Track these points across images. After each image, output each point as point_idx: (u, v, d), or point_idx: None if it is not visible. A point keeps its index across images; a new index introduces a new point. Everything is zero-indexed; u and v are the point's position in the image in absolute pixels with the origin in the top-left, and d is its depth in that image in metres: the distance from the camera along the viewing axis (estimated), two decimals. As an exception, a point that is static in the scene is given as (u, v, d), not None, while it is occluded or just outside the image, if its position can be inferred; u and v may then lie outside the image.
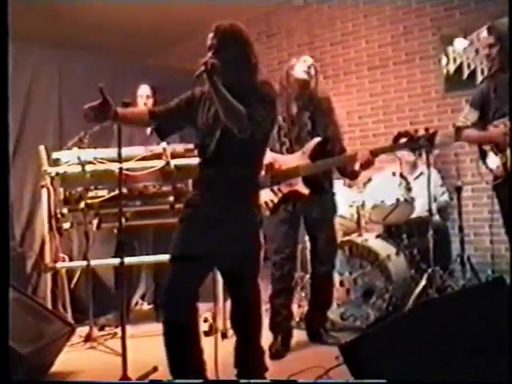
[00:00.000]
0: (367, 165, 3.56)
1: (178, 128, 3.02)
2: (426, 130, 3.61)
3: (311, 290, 4.00)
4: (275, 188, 3.72)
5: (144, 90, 4.86)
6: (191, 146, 4.06)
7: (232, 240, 2.72)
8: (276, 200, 3.72)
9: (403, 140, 3.67)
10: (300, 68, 3.72)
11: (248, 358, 2.91)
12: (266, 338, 3.69)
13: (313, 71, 3.74)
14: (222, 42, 2.70)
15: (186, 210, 2.84)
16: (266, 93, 2.76)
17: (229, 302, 2.99)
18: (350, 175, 3.86)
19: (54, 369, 3.43)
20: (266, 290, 3.98)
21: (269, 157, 3.71)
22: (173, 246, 2.79)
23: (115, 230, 4.40)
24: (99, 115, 2.69)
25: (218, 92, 2.53)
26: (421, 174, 4.99)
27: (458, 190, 4.66)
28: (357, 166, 3.60)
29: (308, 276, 4.22)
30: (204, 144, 2.80)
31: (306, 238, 4.07)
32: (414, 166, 5.05)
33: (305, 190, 3.67)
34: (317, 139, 3.69)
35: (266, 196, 3.71)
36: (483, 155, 3.82)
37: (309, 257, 4.08)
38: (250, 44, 2.82)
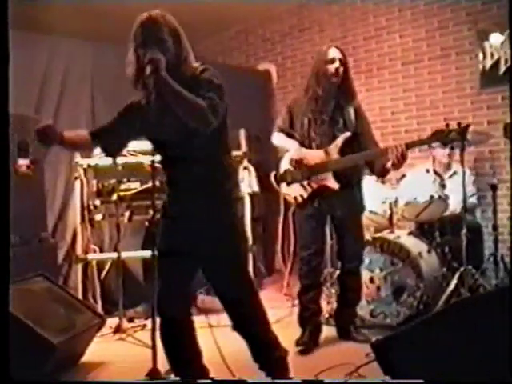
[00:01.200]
0: (401, 160, 3.44)
1: (126, 141, 2.81)
2: (459, 124, 3.53)
3: (340, 286, 3.98)
4: (305, 183, 3.70)
5: None
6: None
7: (207, 237, 2.64)
8: (306, 195, 3.70)
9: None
10: (329, 70, 3.66)
11: (262, 354, 2.87)
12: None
13: (341, 70, 3.67)
14: (157, 35, 2.52)
15: (163, 208, 2.78)
16: (213, 79, 2.54)
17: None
18: (379, 172, 3.79)
19: (83, 359, 3.46)
20: (295, 286, 3.98)
21: (299, 152, 3.69)
22: (157, 244, 2.71)
23: (146, 223, 4.44)
24: (45, 139, 2.53)
25: (172, 89, 2.37)
26: (454, 173, 4.91)
27: (493, 187, 4.57)
28: (389, 164, 3.54)
29: (338, 272, 4.18)
30: (162, 145, 2.70)
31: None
32: (447, 166, 4.98)
33: (335, 185, 3.64)
34: (346, 134, 3.65)
35: (296, 191, 3.70)
36: None
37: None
38: (180, 30, 2.63)
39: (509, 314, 2.28)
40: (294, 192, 3.71)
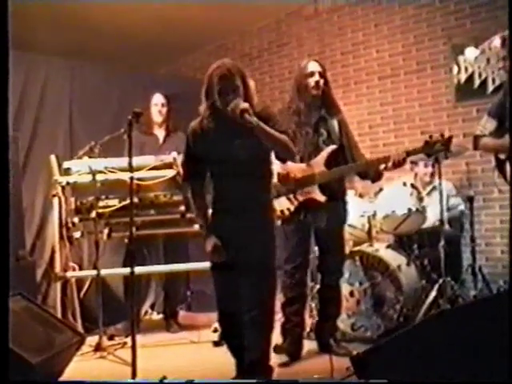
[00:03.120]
0: (400, 165, 3.55)
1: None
2: (442, 135, 3.59)
3: (320, 299, 3.99)
4: (291, 196, 3.71)
5: (158, 99, 4.86)
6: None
7: (256, 244, 2.94)
8: (292, 208, 3.71)
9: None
10: (309, 83, 3.70)
11: (257, 357, 2.97)
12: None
13: (322, 83, 3.72)
14: (234, 83, 2.87)
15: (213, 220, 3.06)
16: (276, 115, 3.06)
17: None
18: (374, 178, 3.82)
19: (63, 378, 3.42)
20: (277, 300, 3.97)
21: (284, 165, 3.70)
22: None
23: (126, 240, 4.42)
24: None
25: (264, 130, 2.82)
26: (433, 188, 4.96)
27: (470, 199, 4.63)
28: (382, 167, 3.60)
29: (318, 286, 4.20)
30: (220, 158, 2.95)
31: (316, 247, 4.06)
32: (429, 183, 5.03)
33: (321, 198, 3.66)
34: (332, 147, 3.69)
35: (282, 204, 3.70)
36: (500, 164, 3.78)
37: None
38: (246, 74, 2.99)
39: (490, 323, 2.30)
40: (280, 206, 3.70)
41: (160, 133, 4.88)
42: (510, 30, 3.67)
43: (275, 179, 3.71)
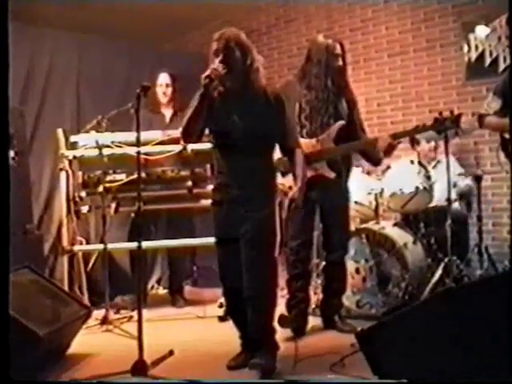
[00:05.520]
0: (390, 150, 3.56)
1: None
2: (451, 112, 3.56)
3: (325, 276, 4.00)
4: None
5: (163, 79, 4.85)
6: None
7: (255, 219, 2.94)
8: None
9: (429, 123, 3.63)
10: (335, 65, 3.67)
11: (260, 335, 3.01)
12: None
13: (341, 62, 3.70)
14: (226, 46, 2.90)
15: (215, 194, 3.11)
16: (285, 108, 3.08)
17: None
18: (374, 161, 3.84)
19: (70, 351, 3.46)
20: (282, 277, 3.99)
21: None
22: (214, 230, 3.11)
23: (132, 214, 4.43)
24: None
25: None
26: (438, 162, 4.96)
27: (478, 179, 4.61)
28: (381, 154, 3.60)
29: (324, 263, 4.20)
30: (225, 132, 2.98)
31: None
32: (433, 157, 5.03)
33: (330, 174, 3.65)
34: (341, 122, 3.66)
35: (290, 180, 3.68)
36: (504, 144, 3.77)
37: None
38: (248, 43, 3.00)
39: (494, 302, 2.30)
40: (288, 182, 3.69)
41: (167, 112, 4.90)
42: (511, 25, 3.65)
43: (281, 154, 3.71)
